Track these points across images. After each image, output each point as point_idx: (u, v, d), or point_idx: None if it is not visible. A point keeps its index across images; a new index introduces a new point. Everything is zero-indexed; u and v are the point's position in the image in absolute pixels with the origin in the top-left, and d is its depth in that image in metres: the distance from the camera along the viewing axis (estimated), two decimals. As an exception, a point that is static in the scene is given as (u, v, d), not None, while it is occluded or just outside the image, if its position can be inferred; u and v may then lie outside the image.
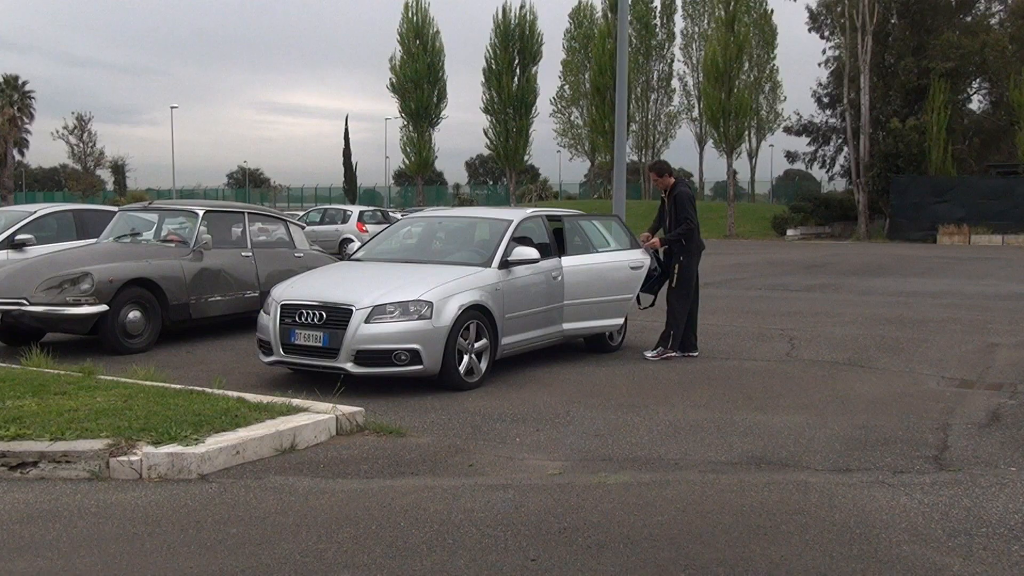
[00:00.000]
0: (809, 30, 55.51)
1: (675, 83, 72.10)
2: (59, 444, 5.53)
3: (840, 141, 55.42)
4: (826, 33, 55.00)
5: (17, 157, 73.06)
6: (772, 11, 61.03)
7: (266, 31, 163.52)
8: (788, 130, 60.00)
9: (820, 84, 56.68)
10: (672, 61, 71.35)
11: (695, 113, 70.65)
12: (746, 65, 50.42)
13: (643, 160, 72.29)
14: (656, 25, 69.52)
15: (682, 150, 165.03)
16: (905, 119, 46.07)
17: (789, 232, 46.19)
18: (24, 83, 71.39)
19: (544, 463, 5.92)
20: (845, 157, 53.55)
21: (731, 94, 45.50)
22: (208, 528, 4.64)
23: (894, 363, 9.72)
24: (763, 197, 71.21)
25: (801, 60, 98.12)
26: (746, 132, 54.03)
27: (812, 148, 59.00)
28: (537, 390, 8.27)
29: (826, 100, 56.23)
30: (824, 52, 56.70)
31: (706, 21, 66.50)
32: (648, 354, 9.83)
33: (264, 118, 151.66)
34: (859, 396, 8.03)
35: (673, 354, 9.76)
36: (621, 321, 10.32)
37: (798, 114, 59.44)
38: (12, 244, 12.48)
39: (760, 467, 5.84)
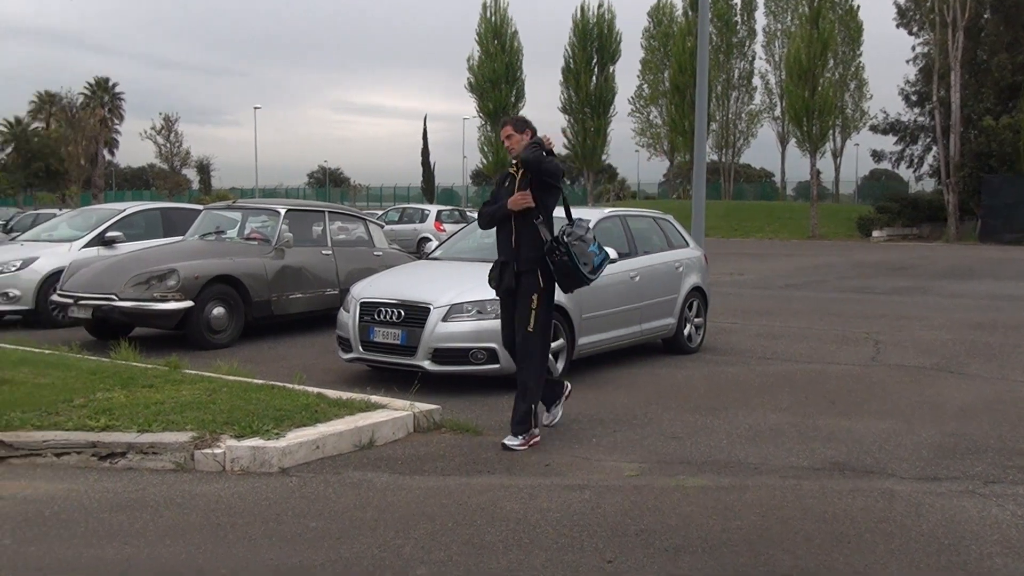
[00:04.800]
0: (897, 26, 54.03)
1: (756, 81, 70.95)
2: (146, 436, 5.69)
3: (929, 140, 53.82)
4: (915, 29, 53.47)
5: (107, 157, 75.54)
6: (858, 7, 59.53)
7: (345, 32, 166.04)
8: (874, 129, 58.51)
9: (908, 81, 55.16)
10: (753, 59, 70.25)
11: (777, 112, 69.41)
12: (831, 62, 49.28)
13: (723, 160, 71.38)
14: (737, 22, 68.52)
15: (764, 149, 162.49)
16: (999, 117, 44.49)
17: (875, 233, 45.06)
18: (114, 85, 73.78)
19: (621, 464, 5.87)
20: (934, 156, 51.96)
21: (815, 92, 44.53)
22: (288, 521, 4.71)
23: (986, 369, 9.39)
24: (848, 197, 69.57)
25: (888, 57, 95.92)
26: (830, 131, 52.82)
27: (899, 147, 57.43)
28: (614, 391, 8.22)
29: (914, 98, 54.68)
30: (913, 49, 54.99)
31: (789, 17, 65.22)
32: (510, 442, 6.20)
33: (343, 118, 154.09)
34: (948, 403, 7.78)
35: (537, 437, 6.34)
36: (674, 322, 10.16)
37: (885, 112, 57.80)
38: (103, 241, 12.90)
39: (844, 474, 5.69)
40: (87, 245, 12.84)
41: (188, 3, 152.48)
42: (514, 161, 6.46)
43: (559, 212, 6.68)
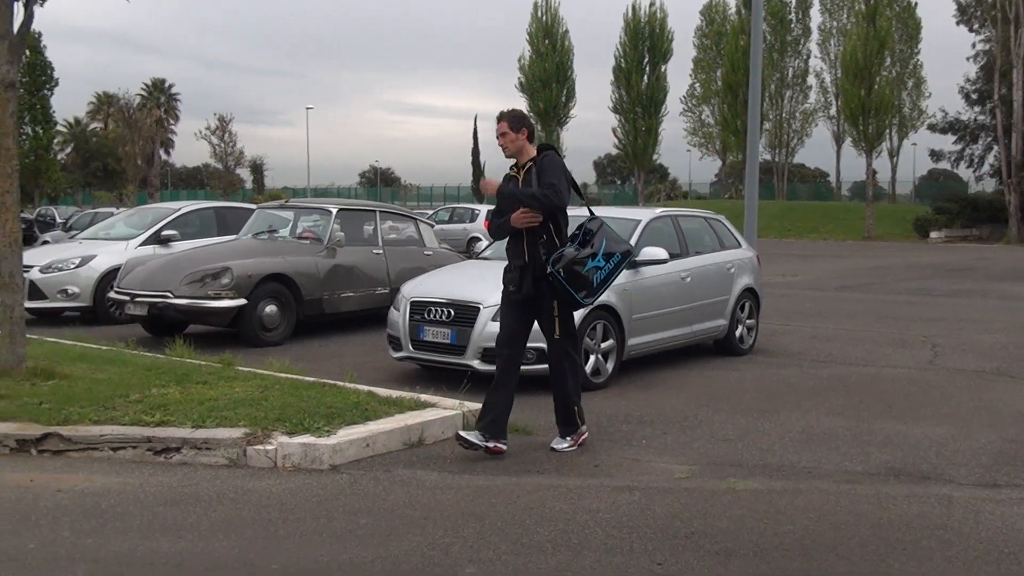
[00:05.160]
0: (957, 23, 52.85)
1: (811, 80, 69.92)
2: (200, 431, 5.77)
3: (990, 139, 52.60)
4: (975, 26, 52.26)
5: (163, 156, 76.82)
6: (916, 3, 58.44)
7: (398, 33, 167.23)
8: (933, 128, 57.29)
9: (968, 79, 53.89)
10: (808, 57, 69.25)
11: (832, 111, 68.37)
12: (888, 60, 48.38)
13: (776, 159, 70.54)
14: (792, 20, 67.64)
15: (818, 149, 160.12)
16: (1062, 115, 43.37)
17: (932, 234, 44.20)
18: (170, 86, 74.97)
19: (671, 466, 5.82)
20: (995, 156, 50.80)
21: (871, 90, 43.81)
22: (339, 518, 4.74)
23: (1047, 374, 9.16)
24: (904, 198, 68.28)
25: (947, 54, 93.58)
26: (887, 130, 51.91)
27: (958, 147, 56.17)
28: (664, 392, 8.16)
29: (974, 96, 53.45)
30: (973, 46, 53.73)
31: (845, 15, 64.25)
32: (559, 446, 6.14)
33: (395, 118, 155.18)
34: (1008, 408, 7.59)
35: (585, 433, 6.28)
36: (725, 323, 10.05)
37: (944, 111, 56.47)
38: (159, 239, 13.13)
39: (899, 479, 5.59)
40: (143, 243, 13.08)
41: (243, 6, 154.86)
42: (514, 164, 6.15)
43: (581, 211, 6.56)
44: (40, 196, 51.39)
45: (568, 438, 6.15)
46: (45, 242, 19.43)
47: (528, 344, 7.76)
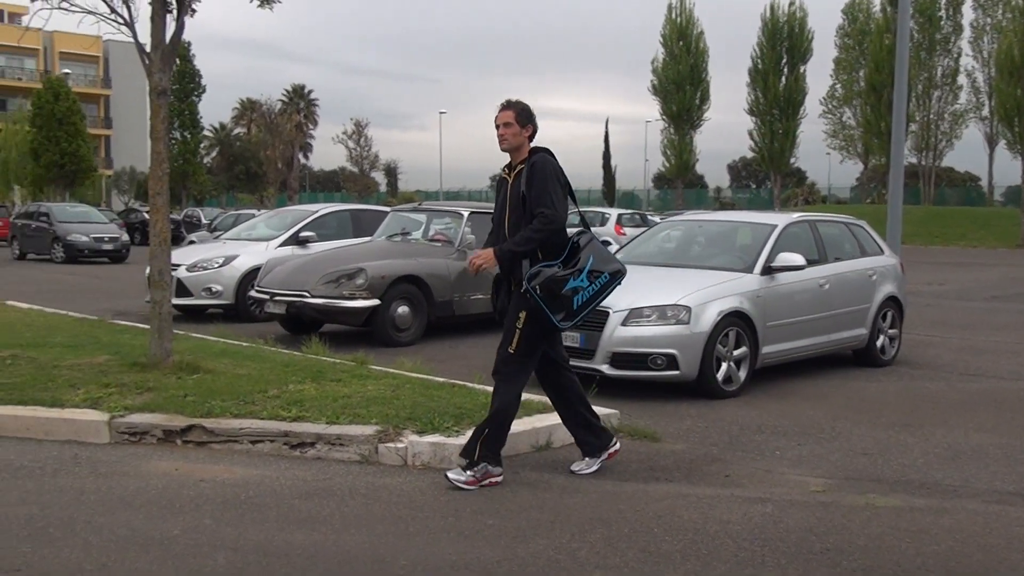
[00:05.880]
0: (1124, 16, 49.54)
1: (962, 79, 66.64)
2: (334, 428, 5.91)
3: None
4: None
5: (302, 160, 79.48)
6: (1079, -3, 55.02)
7: (526, 36, 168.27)
8: (1096, 129, 53.79)
9: None
10: (959, 56, 65.92)
11: (985, 111, 65.03)
12: (1046, 58, 45.76)
13: (923, 163, 67.62)
14: (941, 17, 64.60)
15: (968, 151, 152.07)
16: None
17: (1093, 242, 41.49)
18: (309, 92, 77.53)
19: (806, 479, 5.63)
20: None
21: (1028, 90, 41.51)
22: (467, 517, 4.77)
23: None
24: (1063, 203, 64.26)
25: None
26: (1044, 132, 49.05)
27: (1125, 149, 52.55)
28: (800, 402, 7.90)
29: None
30: None
31: (1000, 11, 61.06)
32: (454, 477, 5.24)
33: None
34: None
35: (497, 476, 5.32)
36: (866, 332, 9.63)
37: (1109, 111, 53.03)
38: (297, 240, 13.57)
39: (1056, 501, 5.24)
40: (283, 244, 13.54)
41: (381, 13, 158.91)
42: (507, 163, 5.57)
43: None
44: (187, 198, 53.99)
45: (468, 472, 5.24)
46: (191, 242, 20.36)
47: (658, 349, 7.74)
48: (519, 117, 5.46)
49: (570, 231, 5.45)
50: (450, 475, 5.25)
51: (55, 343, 8.91)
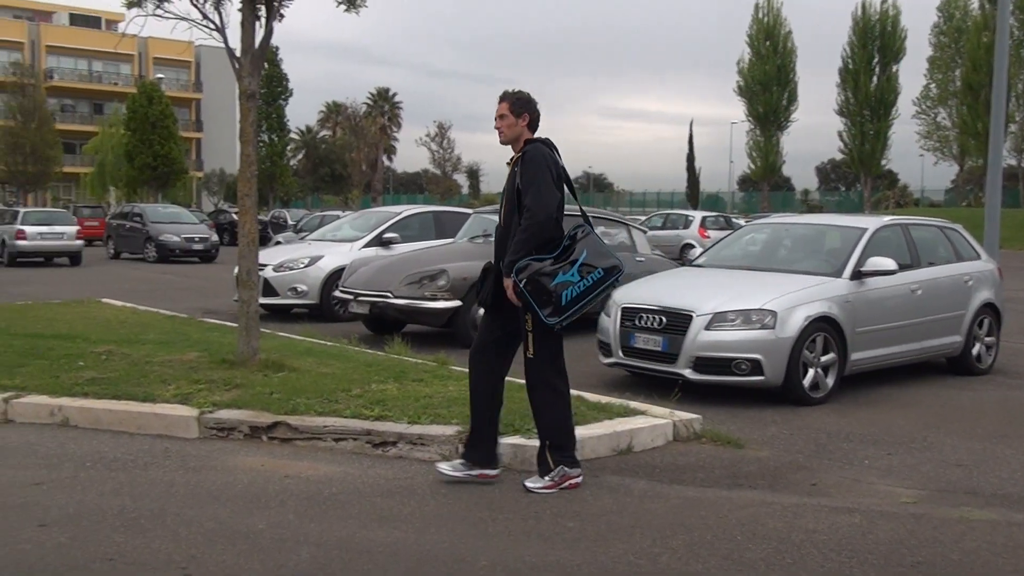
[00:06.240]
0: None
1: (1065, 78, 64.12)
2: (415, 427, 5.95)
3: None
4: None
5: (386, 162, 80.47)
6: None
7: (610, 38, 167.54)
8: None
9: None
10: (1062, 54, 63.54)
11: (1090, 112, 62.39)
12: None
13: (1022, 164, 65.21)
14: (1042, 14, 62.33)
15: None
16: None
17: None
18: (393, 95, 78.48)
19: (896, 490, 5.46)
20: None
21: None
22: (546, 519, 4.75)
23: None
24: None
25: None
26: None
27: None
28: (890, 411, 7.68)
29: None
30: None
31: (1105, 7, 58.52)
32: (531, 485, 5.21)
33: (608, 124, 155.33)
34: None
35: (576, 477, 5.26)
36: (961, 340, 9.30)
37: None
38: (380, 242, 13.73)
39: None
40: (366, 245, 13.72)
41: (464, 15, 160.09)
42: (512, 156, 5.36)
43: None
44: (274, 199, 55.17)
45: (546, 477, 5.20)
46: (278, 243, 20.76)
47: (742, 354, 7.61)
48: (513, 108, 5.29)
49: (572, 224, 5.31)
50: (527, 483, 5.20)
51: (148, 340, 9.19)
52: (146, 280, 21.54)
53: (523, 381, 5.41)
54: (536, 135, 5.38)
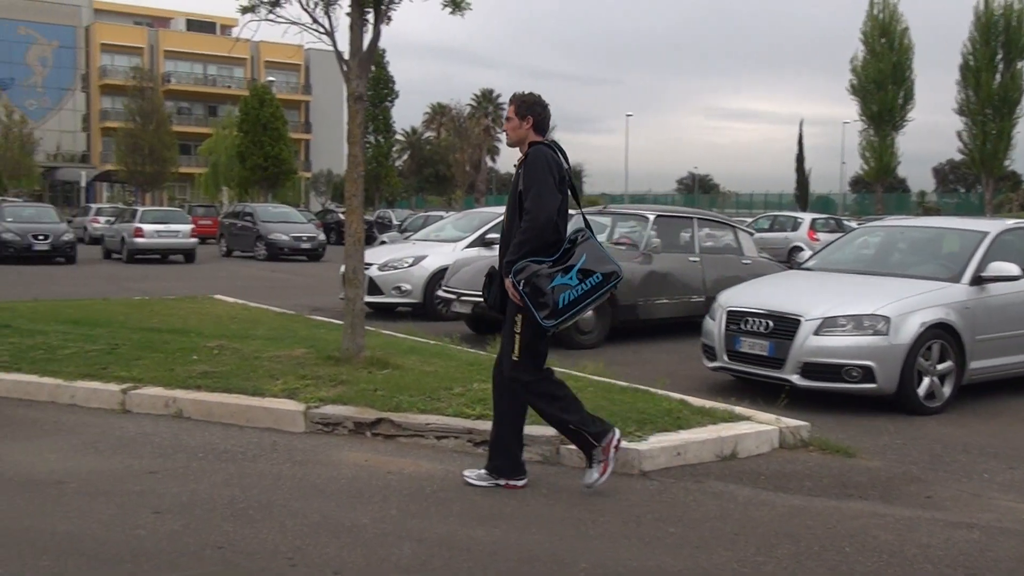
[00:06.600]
0: None
1: None
2: (517, 427, 5.93)
3: None
4: None
5: (489, 163, 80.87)
6: None
7: (717, 37, 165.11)
8: None
9: None
10: None
11: None
12: None
13: None
14: None
15: None
16: None
17: None
18: (497, 96, 78.74)
19: (1018, 506, 5.20)
20: None
21: None
22: (647, 524, 4.69)
23: None
24: None
25: None
26: None
27: None
28: (1013, 423, 7.34)
29: None
30: None
31: None
32: (469, 475, 5.31)
33: (714, 124, 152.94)
34: None
35: (505, 482, 5.24)
36: None
37: None
38: (483, 242, 13.82)
39: None
40: (469, 245, 13.82)
41: (569, 16, 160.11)
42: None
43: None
44: (379, 200, 56.09)
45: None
46: (383, 242, 21.10)
47: (853, 361, 7.37)
48: (518, 110, 5.25)
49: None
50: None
51: (257, 335, 9.44)
52: (256, 277, 22.18)
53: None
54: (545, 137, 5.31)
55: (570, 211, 5.28)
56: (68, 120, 72.77)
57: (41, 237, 25.49)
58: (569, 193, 5.17)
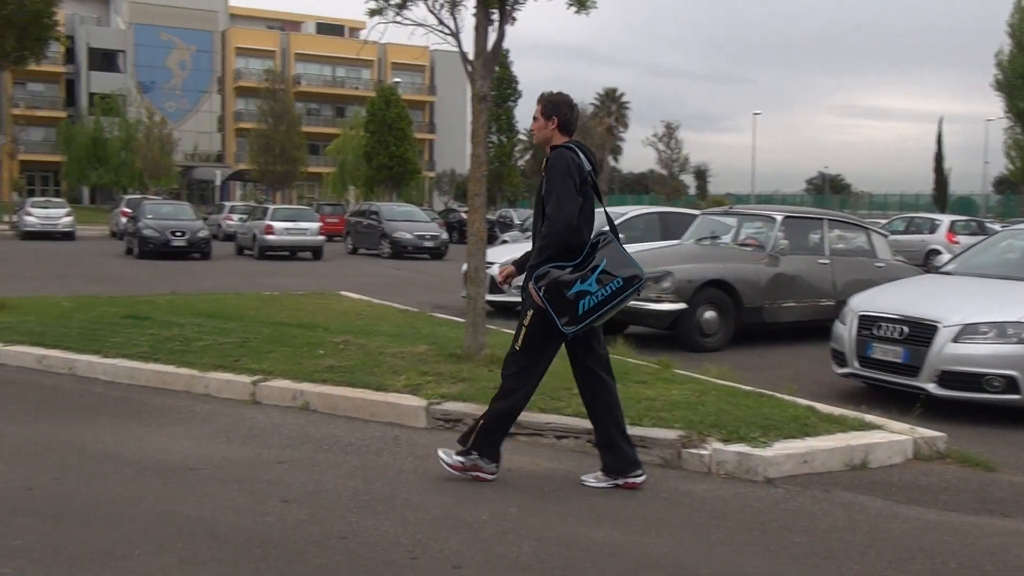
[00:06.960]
0: None
1: None
2: (636, 429, 5.86)
3: None
4: None
5: (612, 163, 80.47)
6: None
7: (850, 33, 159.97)
8: None
9: None
10: None
11: None
12: None
13: None
14: None
15: None
16: None
17: None
18: (621, 95, 78.35)
19: None
20: None
21: None
22: (772, 532, 4.56)
23: None
24: None
25: None
26: None
27: None
28: None
29: None
30: None
31: None
32: (443, 453, 5.30)
33: (845, 122, 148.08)
34: None
35: (478, 471, 5.20)
36: None
37: None
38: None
39: None
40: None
41: (693, 14, 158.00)
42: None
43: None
44: (501, 199, 56.54)
45: (458, 456, 5.20)
46: (504, 242, 21.26)
47: (995, 370, 7.00)
48: (544, 110, 5.20)
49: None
50: (440, 451, 5.26)
51: (381, 332, 9.63)
52: (380, 275, 22.67)
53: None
54: (571, 138, 5.28)
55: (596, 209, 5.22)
56: (204, 121, 75.95)
57: (178, 233, 26.69)
58: (593, 194, 5.12)
